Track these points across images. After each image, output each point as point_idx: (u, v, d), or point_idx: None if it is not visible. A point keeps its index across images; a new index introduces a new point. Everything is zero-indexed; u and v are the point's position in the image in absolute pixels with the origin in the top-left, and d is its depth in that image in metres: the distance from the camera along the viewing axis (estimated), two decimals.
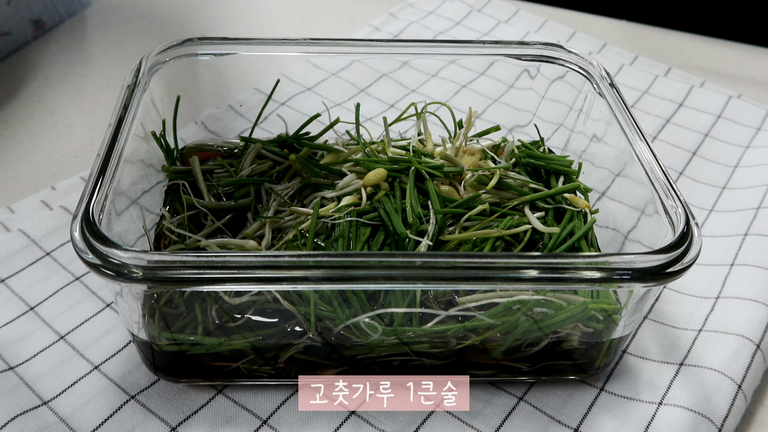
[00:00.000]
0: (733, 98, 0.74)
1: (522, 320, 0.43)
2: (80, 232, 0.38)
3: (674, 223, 0.42)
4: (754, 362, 0.48)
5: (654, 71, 0.78)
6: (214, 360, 0.45)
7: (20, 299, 0.51)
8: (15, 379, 0.46)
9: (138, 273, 0.37)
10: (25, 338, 0.49)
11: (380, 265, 0.38)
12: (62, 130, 0.68)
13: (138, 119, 0.48)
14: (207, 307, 0.44)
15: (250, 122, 0.59)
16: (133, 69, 0.51)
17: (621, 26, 0.90)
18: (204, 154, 0.57)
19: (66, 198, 0.58)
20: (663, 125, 0.71)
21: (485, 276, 0.38)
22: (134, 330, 0.43)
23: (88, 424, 0.44)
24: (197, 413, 0.45)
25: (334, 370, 0.46)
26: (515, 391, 0.47)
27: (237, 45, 0.55)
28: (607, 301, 0.44)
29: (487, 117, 0.67)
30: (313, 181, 0.51)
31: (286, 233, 0.49)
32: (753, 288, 0.53)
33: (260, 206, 0.52)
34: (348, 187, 0.50)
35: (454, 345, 0.44)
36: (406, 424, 0.45)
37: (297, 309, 0.43)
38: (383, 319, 0.43)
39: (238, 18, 0.88)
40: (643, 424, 0.45)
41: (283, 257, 0.38)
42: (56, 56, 0.78)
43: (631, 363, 0.49)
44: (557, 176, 0.56)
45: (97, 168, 0.42)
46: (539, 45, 0.57)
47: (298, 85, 0.69)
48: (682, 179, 0.65)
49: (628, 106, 0.51)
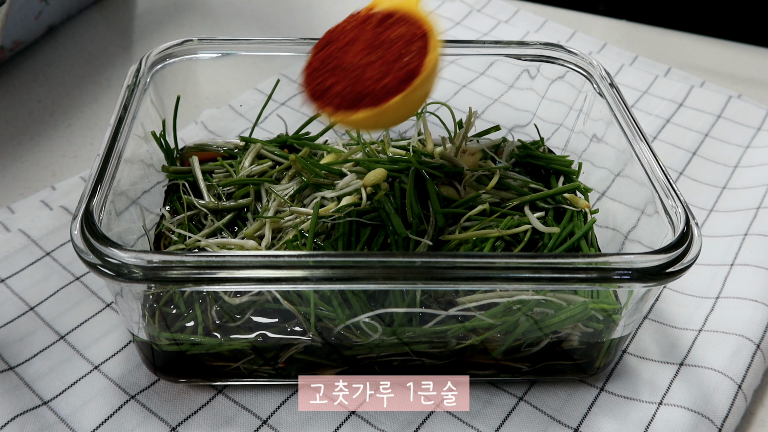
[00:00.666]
0: (733, 98, 0.74)
1: (522, 320, 0.43)
2: (80, 232, 0.38)
3: (674, 223, 0.42)
4: (754, 362, 0.48)
5: (654, 71, 0.78)
6: (214, 360, 0.45)
7: (20, 299, 0.51)
8: (15, 379, 0.46)
9: (138, 273, 0.37)
10: (26, 338, 0.49)
11: (380, 265, 0.38)
12: (62, 130, 0.68)
13: (138, 119, 0.48)
14: (207, 307, 0.44)
15: (250, 122, 0.59)
16: (133, 69, 0.51)
17: (621, 26, 0.90)
18: (204, 154, 0.57)
19: (66, 198, 0.58)
20: (663, 125, 0.71)
21: (485, 276, 0.38)
22: (134, 330, 0.43)
23: (88, 424, 0.44)
24: (197, 413, 0.45)
25: (334, 370, 0.46)
26: (515, 391, 0.47)
27: (237, 45, 0.55)
28: (607, 301, 0.44)
29: (487, 117, 0.67)
30: (313, 181, 0.51)
31: (286, 233, 0.49)
32: (753, 288, 0.53)
33: (260, 206, 0.52)
34: (348, 187, 0.50)
35: (454, 345, 0.44)
36: (406, 424, 0.45)
37: (297, 309, 0.43)
38: (383, 319, 0.43)
39: (238, 18, 0.88)
40: (643, 424, 0.45)
41: (283, 257, 0.38)
42: (56, 56, 0.78)
43: (631, 363, 0.49)
44: (557, 176, 0.56)
45: (97, 168, 0.42)
46: (539, 45, 0.57)
47: (298, 85, 0.69)
48: (682, 179, 0.65)
49: (628, 106, 0.51)
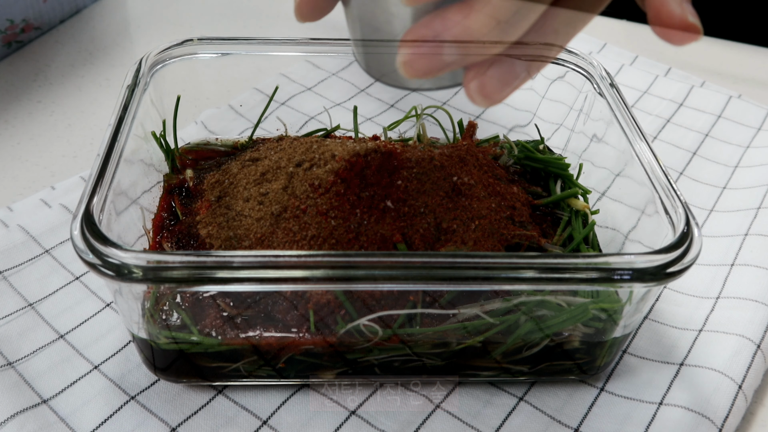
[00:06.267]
0: (733, 98, 0.74)
1: (522, 321, 0.43)
2: (80, 231, 0.38)
3: (674, 223, 0.42)
4: (754, 362, 0.48)
5: (654, 71, 0.78)
6: (214, 360, 0.45)
7: (19, 294, 0.51)
8: (15, 376, 0.46)
9: (138, 273, 0.37)
10: (25, 334, 0.49)
11: (380, 265, 0.38)
12: (62, 130, 0.68)
13: (138, 119, 0.48)
14: (207, 306, 0.44)
15: (250, 122, 0.59)
16: (133, 69, 0.51)
17: (621, 26, 0.90)
18: (204, 154, 0.57)
19: (66, 197, 0.58)
20: (663, 125, 0.71)
21: (485, 276, 0.38)
22: (134, 330, 0.43)
23: (88, 424, 0.44)
24: (197, 413, 0.45)
25: (335, 370, 0.46)
26: (515, 391, 0.47)
27: (237, 45, 0.55)
28: (608, 300, 0.44)
29: (487, 117, 0.67)
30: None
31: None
32: (753, 288, 0.53)
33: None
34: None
35: (455, 346, 0.44)
36: (406, 424, 0.45)
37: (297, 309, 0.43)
38: (383, 320, 0.43)
39: (238, 18, 0.88)
40: (643, 424, 0.45)
41: (283, 257, 0.38)
42: (56, 56, 0.78)
43: (631, 363, 0.49)
44: (555, 179, 0.56)
45: (97, 168, 0.42)
46: (539, 45, 0.57)
47: (298, 85, 0.69)
48: (682, 179, 0.65)
49: (628, 106, 0.51)
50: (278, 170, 0.49)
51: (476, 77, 0.37)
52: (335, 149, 0.47)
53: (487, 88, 0.37)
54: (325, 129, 0.59)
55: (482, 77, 0.37)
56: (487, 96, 0.37)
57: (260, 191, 0.48)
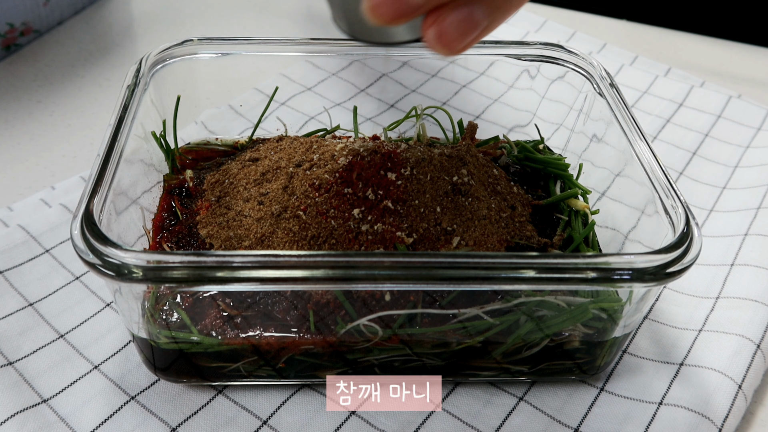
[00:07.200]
0: (733, 98, 0.74)
1: (522, 321, 0.43)
2: (80, 231, 0.38)
3: (674, 223, 0.42)
4: (754, 362, 0.48)
5: (654, 71, 0.78)
6: (214, 360, 0.45)
7: (19, 294, 0.51)
8: (15, 375, 0.46)
9: (138, 273, 0.37)
10: (25, 333, 0.49)
11: (380, 265, 0.38)
12: (62, 130, 0.68)
13: (138, 119, 0.48)
14: (207, 306, 0.44)
15: (250, 122, 0.59)
16: (133, 69, 0.51)
17: (621, 26, 0.90)
18: (204, 154, 0.57)
19: (66, 197, 0.58)
20: (663, 125, 0.71)
21: (485, 276, 0.38)
22: (134, 329, 0.43)
23: (88, 423, 0.44)
24: (197, 413, 0.45)
25: (335, 370, 0.46)
26: (515, 391, 0.47)
27: (237, 45, 0.55)
28: (608, 300, 0.44)
29: (487, 117, 0.67)
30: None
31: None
32: (753, 288, 0.53)
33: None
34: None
35: (455, 346, 0.44)
36: (406, 424, 0.45)
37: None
38: (383, 320, 0.43)
39: (238, 18, 0.88)
40: (643, 424, 0.45)
41: (283, 257, 0.38)
42: (56, 56, 0.78)
43: (631, 363, 0.49)
44: (555, 179, 0.56)
45: (97, 168, 0.42)
46: (539, 45, 0.57)
47: (298, 85, 0.69)
48: (682, 179, 0.65)
49: (628, 106, 0.51)
50: (278, 170, 0.49)
51: (434, 24, 0.36)
52: (335, 149, 0.47)
53: (445, 37, 0.36)
54: (325, 129, 0.59)
55: (441, 24, 0.36)
56: (446, 45, 0.36)
57: (260, 191, 0.48)
